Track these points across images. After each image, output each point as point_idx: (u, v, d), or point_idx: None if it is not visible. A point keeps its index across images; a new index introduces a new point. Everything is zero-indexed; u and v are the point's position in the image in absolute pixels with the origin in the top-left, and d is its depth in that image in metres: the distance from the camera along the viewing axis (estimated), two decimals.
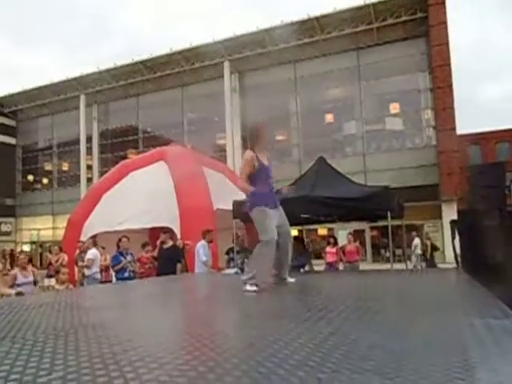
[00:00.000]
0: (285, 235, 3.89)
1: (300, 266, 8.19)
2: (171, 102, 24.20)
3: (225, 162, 19.42)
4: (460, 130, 18.89)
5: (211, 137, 23.79)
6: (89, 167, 26.19)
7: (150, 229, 10.13)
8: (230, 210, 7.89)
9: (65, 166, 28.40)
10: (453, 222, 5.42)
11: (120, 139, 25.76)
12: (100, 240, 9.54)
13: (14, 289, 5.91)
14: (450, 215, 12.40)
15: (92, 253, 8.26)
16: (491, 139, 26.04)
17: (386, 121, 20.54)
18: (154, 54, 23.49)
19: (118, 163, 12.83)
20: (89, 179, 25.34)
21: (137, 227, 9.47)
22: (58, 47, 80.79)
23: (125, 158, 21.61)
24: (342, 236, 12.41)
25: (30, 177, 29.45)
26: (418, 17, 19.11)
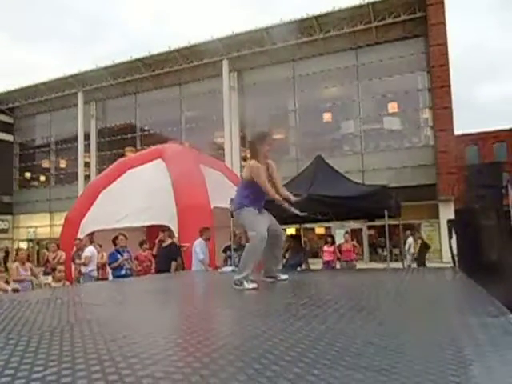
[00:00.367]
0: (277, 234, 3.99)
1: (296, 265, 8.21)
2: (169, 99, 24.15)
3: (223, 160, 19.40)
4: (458, 130, 18.96)
5: (209, 135, 23.74)
6: (86, 165, 26.10)
7: (148, 227, 10.11)
8: (227, 208, 7.87)
9: (62, 164, 28.28)
10: (450, 221, 5.43)
11: (118, 137, 25.70)
12: (97, 238, 9.52)
13: (15, 283, 5.94)
14: (447, 215, 12.41)
15: (89, 250, 8.28)
16: (489, 139, 26.13)
17: (384, 120, 20.55)
18: (153, 51, 23.44)
19: (115, 161, 12.80)
20: (86, 177, 25.26)
21: (134, 225, 9.46)
22: (56, 44, 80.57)
23: (123, 155, 21.58)
24: (340, 235, 12.42)
25: (28, 174, 29.34)
26: (417, 16, 19.11)
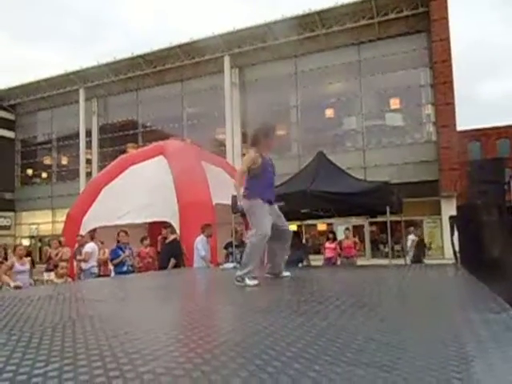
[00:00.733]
0: (285, 232, 3.98)
1: (297, 261, 8.20)
2: (171, 96, 24.11)
3: (224, 156, 19.39)
4: (460, 126, 18.87)
5: (211, 131, 23.71)
6: (88, 161, 26.13)
7: (150, 223, 10.13)
8: (229, 205, 7.88)
9: (64, 160, 28.32)
10: (452, 217, 5.42)
11: (119, 133, 25.70)
12: (99, 234, 9.54)
13: (13, 278, 5.95)
14: (449, 211, 12.39)
15: (89, 246, 8.29)
16: (491, 135, 26.01)
17: (387, 116, 20.48)
18: (154, 48, 23.40)
19: (117, 158, 12.80)
20: (88, 173, 25.29)
21: (136, 222, 9.47)
22: (58, 42, 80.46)
23: (124, 152, 21.58)
24: (341, 231, 12.41)
25: (29, 171, 29.40)
26: (420, 12, 19.00)
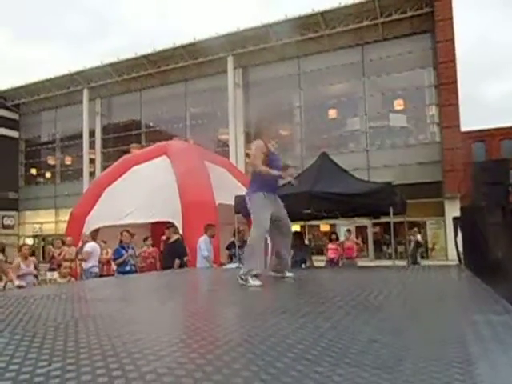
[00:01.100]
0: (284, 228, 3.90)
1: (300, 262, 8.21)
2: (174, 96, 24.14)
3: (227, 157, 19.38)
4: (464, 127, 18.78)
5: (214, 132, 23.73)
6: (91, 161, 26.20)
7: (153, 223, 10.15)
8: (231, 205, 7.89)
9: (68, 160, 28.39)
10: (455, 218, 5.39)
11: (123, 133, 25.76)
12: (102, 234, 9.57)
13: (18, 279, 5.98)
14: (452, 212, 12.31)
15: (89, 246, 8.20)
16: (496, 136, 25.84)
17: (390, 117, 20.40)
18: (158, 48, 23.44)
19: (120, 158, 12.84)
20: (91, 173, 25.36)
21: (139, 222, 9.49)
22: (62, 41, 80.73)
23: (127, 152, 21.61)
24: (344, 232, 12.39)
25: (33, 170, 29.50)
26: (424, 12, 18.92)
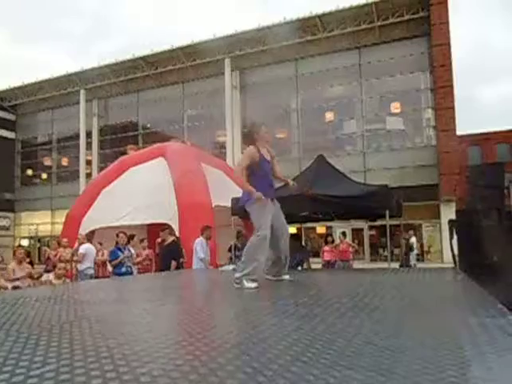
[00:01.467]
0: (281, 230, 3.89)
1: (297, 264, 8.21)
2: (171, 98, 24.12)
3: (224, 159, 19.38)
4: (460, 131, 18.89)
5: (211, 134, 23.73)
6: (88, 162, 26.10)
7: (149, 225, 10.13)
8: (228, 207, 7.89)
9: (64, 161, 28.27)
10: (451, 221, 5.42)
11: (120, 135, 25.69)
12: (98, 235, 9.54)
13: (12, 282, 5.93)
14: (448, 215, 12.39)
15: (83, 247, 8.14)
16: (491, 140, 26.00)
17: (387, 120, 20.50)
18: (155, 49, 23.43)
19: (117, 159, 12.81)
20: (88, 174, 25.25)
21: (135, 223, 9.47)
22: (59, 42, 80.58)
23: (124, 153, 21.53)
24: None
25: (29, 171, 29.35)
26: (420, 16, 19.04)
